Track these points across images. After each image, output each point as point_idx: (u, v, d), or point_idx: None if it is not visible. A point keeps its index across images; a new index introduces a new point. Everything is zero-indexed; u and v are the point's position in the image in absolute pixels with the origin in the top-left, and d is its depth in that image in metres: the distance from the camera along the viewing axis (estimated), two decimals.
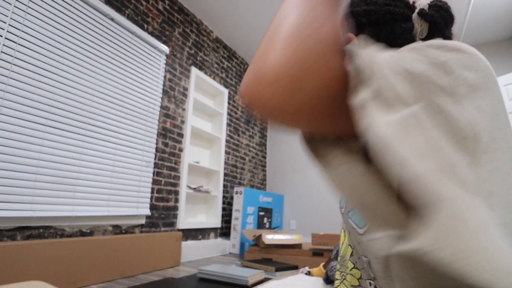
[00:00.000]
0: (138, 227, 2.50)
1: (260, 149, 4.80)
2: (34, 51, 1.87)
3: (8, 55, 1.73)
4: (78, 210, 2.02)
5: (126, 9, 2.59)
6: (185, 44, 3.30)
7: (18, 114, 1.75)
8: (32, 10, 1.87)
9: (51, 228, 1.89)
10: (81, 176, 2.07)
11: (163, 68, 2.91)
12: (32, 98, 1.83)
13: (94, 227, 2.16)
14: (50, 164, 1.89)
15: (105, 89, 2.30)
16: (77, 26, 2.14)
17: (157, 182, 2.73)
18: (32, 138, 1.81)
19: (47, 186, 1.86)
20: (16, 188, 1.71)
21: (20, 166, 1.73)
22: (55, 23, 2.00)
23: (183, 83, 3.20)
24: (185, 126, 3.16)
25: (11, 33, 1.75)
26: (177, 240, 2.62)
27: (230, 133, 3.99)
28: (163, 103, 2.91)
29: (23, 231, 1.75)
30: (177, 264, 2.59)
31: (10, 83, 1.73)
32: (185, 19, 3.34)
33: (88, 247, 1.90)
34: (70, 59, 2.07)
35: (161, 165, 2.80)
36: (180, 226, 2.89)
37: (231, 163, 3.95)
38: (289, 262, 2.72)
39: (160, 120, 2.85)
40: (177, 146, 3.02)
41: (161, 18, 2.98)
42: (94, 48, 2.25)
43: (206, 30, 3.71)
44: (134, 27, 2.58)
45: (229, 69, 4.14)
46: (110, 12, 2.37)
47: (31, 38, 1.85)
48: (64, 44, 2.04)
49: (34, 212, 1.76)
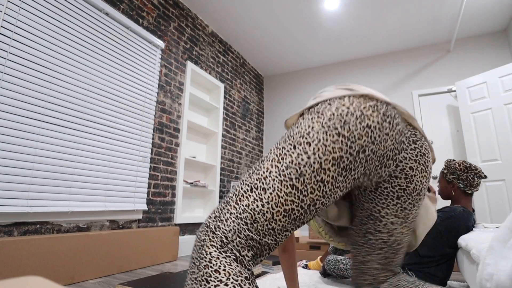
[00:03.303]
0: (135, 222, 2.50)
1: (256, 143, 4.80)
2: (29, 47, 1.85)
3: (3, 51, 1.72)
4: (74, 205, 2.02)
5: (121, 4, 2.57)
6: (181, 39, 3.28)
7: (13, 109, 1.74)
8: (26, 5, 1.85)
9: (47, 223, 1.89)
10: (78, 172, 2.07)
11: (159, 63, 2.90)
12: (28, 93, 1.81)
13: (91, 222, 2.16)
14: (46, 159, 1.89)
15: (101, 84, 2.29)
16: (72, 21, 2.12)
17: (153, 177, 2.73)
18: (27, 134, 1.80)
19: (43, 181, 1.86)
20: (12, 184, 1.70)
21: (16, 162, 1.73)
22: (50, 18, 1.98)
23: (179, 78, 3.18)
24: (182, 121, 3.15)
25: (5, 28, 1.74)
26: (175, 234, 2.63)
27: (226, 127, 3.99)
28: (159, 98, 2.90)
29: (19, 227, 1.75)
30: (175, 259, 2.60)
31: (5, 79, 1.71)
32: (181, 14, 3.32)
33: (85, 242, 1.90)
34: (65, 55, 2.05)
35: (158, 160, 2.80)
36: (177, 220, 2.90)
37: (228, 157, 3.95)
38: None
39: (156, 115, 2.84)
40: (173, 141, 3.02)
41: (156, 12, 2.96)
42: (89, 43, 2.23)
43: (202, 24, 3.68)
44: (129, 21, 2.56)
45: (225, 64, 4.12)
46: (104, 6, 2.35)
47: (26, 33, 1.84)
48: (59, 39, 2.02)
49: (30, 208, 1.76)
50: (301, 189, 0.63)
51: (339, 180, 0.66)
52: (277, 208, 0.62)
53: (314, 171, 0.63)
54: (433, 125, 3.95)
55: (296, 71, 5.04)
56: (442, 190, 1.73)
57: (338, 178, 0.65)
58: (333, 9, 3.42)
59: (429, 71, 4.08)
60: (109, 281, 1.85)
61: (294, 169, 0.63)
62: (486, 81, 3.34)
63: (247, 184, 0.66)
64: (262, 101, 5.17)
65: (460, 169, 1.65)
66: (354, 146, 0.65)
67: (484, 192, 3.19)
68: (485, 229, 1.51)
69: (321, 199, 0.65)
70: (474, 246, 1.13)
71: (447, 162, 1.72)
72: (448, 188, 1.70)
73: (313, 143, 0.65)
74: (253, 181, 0.65)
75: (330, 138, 0.65)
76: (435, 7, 3.36)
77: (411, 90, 4.13)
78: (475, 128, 3.37)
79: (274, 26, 3.78)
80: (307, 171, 0.63)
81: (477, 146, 3.32)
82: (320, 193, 0.64)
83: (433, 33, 3.87)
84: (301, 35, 3.96)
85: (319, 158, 0.64)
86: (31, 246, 1.62)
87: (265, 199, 0.62)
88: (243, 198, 0.64)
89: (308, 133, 0.66)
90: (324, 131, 0.65)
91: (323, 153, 0.64)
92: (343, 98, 0.70)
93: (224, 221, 0.62)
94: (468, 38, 3.94)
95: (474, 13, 3.47)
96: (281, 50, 4.37)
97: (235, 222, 0.61)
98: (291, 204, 0.63)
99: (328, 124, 0.66)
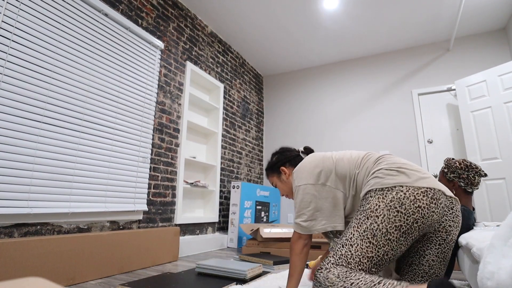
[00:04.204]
0: (135, 222, 2.50)
1: (256, 143, 4.80)
2: (28, 47, 1.85)
3: (2, 52, 1.72)
4: (75, 206, 2.02)
5: (120, 4, 2.57)
6: (180, 39, 3.28)
7: (12, 111, 1.74)
8: (25, 6, 1.85)
9: (48, 224, 1.89)
10: (78, 173, 2.07)
11: (158, 63, 2.90)
12: (27, 94, 1.81)
13: (92, 223, 2.16)
14: (46, 160, 1.89)
15: (100, 84, 2.29)
16: (71, 22, 2.12)
17: (154, 178, 2.73)
18: (27, 135, 1.80)
19: (43, 183, 1.86)
20: (13, 185, 1.70)
21: (16, 163, 1.73)
22: (49, 19, 1.98)
23: (178, 78, 3.18)
24: (181, 121, 3.15)
25: (4, 30, 1.74)
26: (175, 235, 2.63)
27: (226, 127, 3.99)
28: (159, 99, 2.90)
29: (20, 228, 1.75)
30: (175, 259, 2.60)
31: (4, 80, 1.71)
32: (180, 14, 3.32)
33: (86, 243, 1.90)
34: (64, 55, 2.05)
35: (158, 160, 2.80)
36: (178, 221, 2.90)
37: (228, 157, 3.95)
38: (287, 255, 2.75)
39: (156, 116, 2.84)
40: (173, 141, 3.02)
41: (155, 13, 2.96)
42: (88, 44, 2.23)
43: (201, 24, 3.68)
44: (128, 22, 2.56)
45: (225, 64, 4.12)
46: (103, 7, 2.35)
47: (25, 34, 1.84)
48: (58, 40, 2.02)
49: (31, 209, 1.76)
50: (376, 244, 0.97)
51: (401, 239, 0.98)
52: (362, 255, 0.97)
53: (383, 233, 0.97)
54: (433, 124, 3.95)
55: (295, 70, 5.04)
56: None
57: (400, 238, 0.97)
58: (333, 8, 3.42)
59: (428, 70, 4.08)
60: (110, 282, 1.85)
61: (369, 231, 0.98)
62: (486, 79, 3.34)
63: (340, 244, 1.02)
64: (262, 101, 5.17)
65: (461, 168, 1.64)
66: (409, 219, 0.96)
67: (485, 190, 3.19)
68: (485, 228, 1.51)
69: (391, 251, 0.98)
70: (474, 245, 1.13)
71: (447, 160, 1.72)
72: (448, 187, 1.68)
73: (380, 216, 0.99)
74: (343, 241, 1.02)
75: (392, 214, 0.98)
76: (434, 5, 3.36)
77: (411, 89, 4.13)
78: (475, 126, 3.37)
79: (273, 26, 3.78)
80: (378, 233, 0.97)
81: (477, 145, 3.32)
82: (389, 247, 0.97)
83: (433, 31, 3.87)
84: (300, 34, 3.96)
85: (386, 225, 0.97)
86: (32, 247, 1.62)
87: (353, 250, 0.98)
88: (338, 251, 1.02)
89: (376, 209, 1.00)
90: (388, 208, 0.98)
91: (388, 223, 0.97)
92: (402, 186, 1.01)
93: (329, 268, 0.99)
94: (467, 37, 3.94)
95: (473, 12, 3.47)
96: (281, 49, 4.37)
97: (336, 267, 0.98)
98: (371, 253, 0.97)
99: (390, 204, 0.99)
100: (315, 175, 1.23)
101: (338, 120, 4.53)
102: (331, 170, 1.23)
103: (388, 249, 0.96)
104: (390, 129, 4.15)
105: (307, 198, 1.22)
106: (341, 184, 1.21)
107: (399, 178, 1.02)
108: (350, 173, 1.21)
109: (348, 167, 1.22)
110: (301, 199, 1.23)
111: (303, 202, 1.23)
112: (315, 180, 1.23)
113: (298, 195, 1.25)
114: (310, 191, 1.22)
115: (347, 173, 1.21)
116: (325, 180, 1.22)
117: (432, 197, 0.98)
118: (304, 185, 1.24)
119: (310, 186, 1.22)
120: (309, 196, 1.21)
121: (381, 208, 0.98)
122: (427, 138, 3.94)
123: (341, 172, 1.22)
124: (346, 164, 1.23)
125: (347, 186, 1.21)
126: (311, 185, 1.22)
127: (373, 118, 4.29)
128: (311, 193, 1.21)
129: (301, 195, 1.24)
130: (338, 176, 1.22)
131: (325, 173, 1.23)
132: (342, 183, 1.21)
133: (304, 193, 1.23)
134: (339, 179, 1.22)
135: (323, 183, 1.22)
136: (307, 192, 1.22)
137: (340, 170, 1.23)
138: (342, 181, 1.22)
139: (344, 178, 1.21)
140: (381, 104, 4.27)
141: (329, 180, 1.22)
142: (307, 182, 1.23)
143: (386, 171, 1.07)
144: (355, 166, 1.21)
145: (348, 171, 1.21)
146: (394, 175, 1.04)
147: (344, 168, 1.22)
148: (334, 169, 1.24)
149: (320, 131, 4.62)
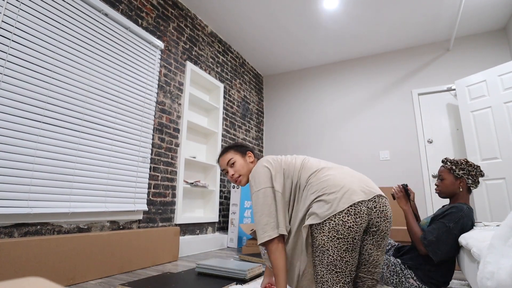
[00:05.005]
0: (135, 222, 2.50)
1: (256, 143, 4.80)
2: (28, 47, 1.85)
3: (2, 52, 1.72)
4: (75, 206, 2.02)
5: (120, 4, 2.56)
6: (180, 39, 3.28)
7: (12, 111, 1.74)
8: (25, 6, 1.85)
9: (48, 224, 1.89)
10: (78, 173, 2.07)
11: (158, 63, 2.90)
12: (27, 94, 1.81)
13: (92, 223, 2.16)
14: (46, 160, 1.89)
15: (100, 84, 2.29)
16: (71, 22, 2.12)
17: (154, 178, 2.73)
18: (27, 134, 1.80)
19: (43, 182, 1.86)
20: (13, 185, 1.70)
21: (16, 163, 1.73)
22: (49, 19, 1.98)
23: (178, 78, 3.18)
24: (181, 121, 3.15)
25: (4, 29, 1.74)
26: (175, 235, 2.63)
27: (226, 127, 3.99)
28: (159, 99, 2.90)
29: (20, 228, 1.75)
30: (175, 259, 2.60)
31: (4, 80, 1.71)
32: (180, 14, 3.32)
33: (86, 243, 1.90)
34: (64, 55, 2.05)
35: (158, 160, 2.80)
36: (178, 221, 2.90)
37: None
38: None
39: (156, 116, 2.84)
40: (173, 141, 3.02)
41: (155, 13, 2.96)
42: (88, 44, 2.23)
43: (201, 24, 3.68)
44: (128, 22, 2.56)
45: (224, 64, 4.12)
46: (104, 7, 2.35)
47: (25, 34, 1.84)
48: (58, 40, 2.02)
49: (31, 209, 1.76)
50: (340, 271, 1.16)
51: (353, 254, 1.16)
52: (336, 283, 1.16)
53: (339, 260, 1.15)
54: (433, 124, 3.95)
55: (295, 70, 5.04)
56: (448, 187, 1.68)
57: (352, 254, 1.16)
58: (332, 8, 3.42)
59: (428, 70, 4.08)
60: (110, 282, 1.85)
61: (330, 264, 1.16)
62: (486, 79, 3.34)
63: (318, 284, 1.20)
64: (262, 100, 5.17)
65: (470, 165, 1.66)
66: (348, 239, 1.13)
67: (484, 190, 3.19)
68: (485, 228, 1.51)
69: (351, 266, 1.17)
70: (474, 245, 1.13)
71: (450, 159, 1.71)
72: (455, 184, 1.66)
73: (330, 249, 1.15)
74: (318, 279, 1.20)
75: (336, 242, 1.14)
76: (434, 5, 3.36)
77: (411, 89, 4.13)
78: (475, 126, 3.37)
79: (273, 26, 3.78)
80: (337, 262, 1.15)
81: (477, 145, 3.32)
82: (349, 264, 1.16)
83: (433, 31, 3.87)
84: (300, 34, 3.96)
85: (337, 253, 1.14)
86: (32, 247, 1.62)
87: (330, 284, 1.17)
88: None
89: (324, 245, 1.16)
90: (330, 239, 1.14)
91: (337, 250, 1.14)
92: (330, 217, 1.15)
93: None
94: (467, 37, 3.94)
95: (473, 12, 3.47)
96: (281, 49, 4.37)
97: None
98: (341, 278, 1.16)
99: (329, 236, 1.15)
100: (269, 179, 1.34)
101: (338, 120, 4.53)
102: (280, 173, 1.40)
103: (349, 267, 1.16)
104: (390, 129, 4.15)
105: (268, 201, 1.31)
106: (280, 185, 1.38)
107: (325, 208, 1.17)
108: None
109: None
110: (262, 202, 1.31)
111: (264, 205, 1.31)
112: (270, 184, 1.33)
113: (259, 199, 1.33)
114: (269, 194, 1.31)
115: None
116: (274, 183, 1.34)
117: (355, 213, 1.14)
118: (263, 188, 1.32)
119: (269, 189, 1.33)
120: (269, 198, 1.30)
121: (325, 241, 1.15)
122: (427, 138, 3.94)
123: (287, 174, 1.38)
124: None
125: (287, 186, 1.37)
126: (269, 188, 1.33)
127: (373, 118, 4.29)
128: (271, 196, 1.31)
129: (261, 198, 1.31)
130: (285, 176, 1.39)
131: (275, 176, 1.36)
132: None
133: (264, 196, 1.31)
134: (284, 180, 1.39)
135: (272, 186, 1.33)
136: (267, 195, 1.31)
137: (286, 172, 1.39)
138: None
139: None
140: (381, 104, 4.27)
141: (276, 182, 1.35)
142: (266, 186, 1.32)
143: (316, 204, 1.21)
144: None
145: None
146: (322, 206, 1.18)
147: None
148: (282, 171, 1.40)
149: (320, 131, 4.62)
